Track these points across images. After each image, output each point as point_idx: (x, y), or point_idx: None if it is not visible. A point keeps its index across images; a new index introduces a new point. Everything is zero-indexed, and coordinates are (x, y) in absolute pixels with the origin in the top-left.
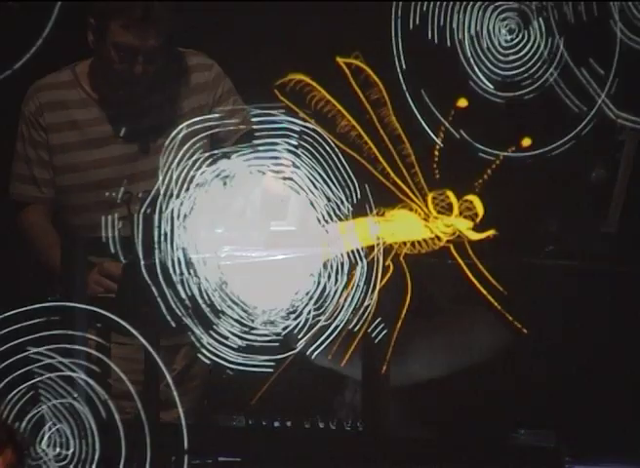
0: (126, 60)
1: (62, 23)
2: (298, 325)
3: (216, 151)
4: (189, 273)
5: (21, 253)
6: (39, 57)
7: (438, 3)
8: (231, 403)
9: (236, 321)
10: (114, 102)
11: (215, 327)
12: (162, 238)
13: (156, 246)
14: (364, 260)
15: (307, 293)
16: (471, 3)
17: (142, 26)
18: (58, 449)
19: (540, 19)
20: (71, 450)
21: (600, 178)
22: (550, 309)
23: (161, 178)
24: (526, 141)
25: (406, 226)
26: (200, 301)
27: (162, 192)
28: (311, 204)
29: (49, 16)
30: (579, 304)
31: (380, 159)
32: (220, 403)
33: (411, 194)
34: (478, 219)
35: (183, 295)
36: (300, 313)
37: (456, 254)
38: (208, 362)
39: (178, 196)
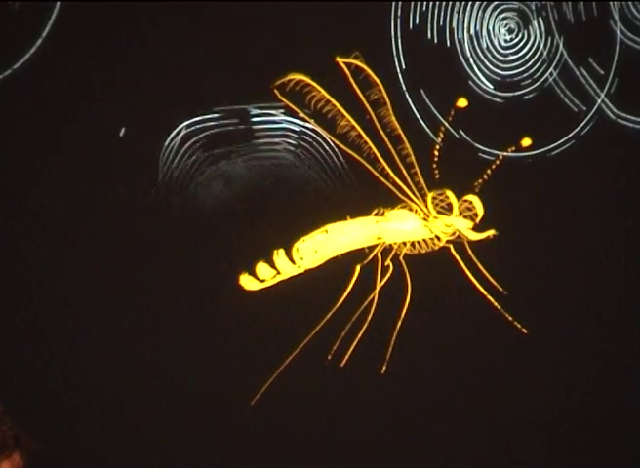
0: None
1: (62, 23)
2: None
3: (215, 151)
4: None
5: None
6: (39, 57)
7: (438, 3)
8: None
9: None
10: None
11: None
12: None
13: None
14: (364, 260)
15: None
16: (471, 3)
17: None
18: None
19: (540, 19)
20: None
21: None
22: None
23: (161, 178)
24: (526, 141)
25: (406, 226)
26: None
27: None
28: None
29: (49, 16)
30: None
31: (380, 159)
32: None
33: (411, 194)
34: (478, 219)
35: None
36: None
37: (455, 254)
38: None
39: (178, 195)
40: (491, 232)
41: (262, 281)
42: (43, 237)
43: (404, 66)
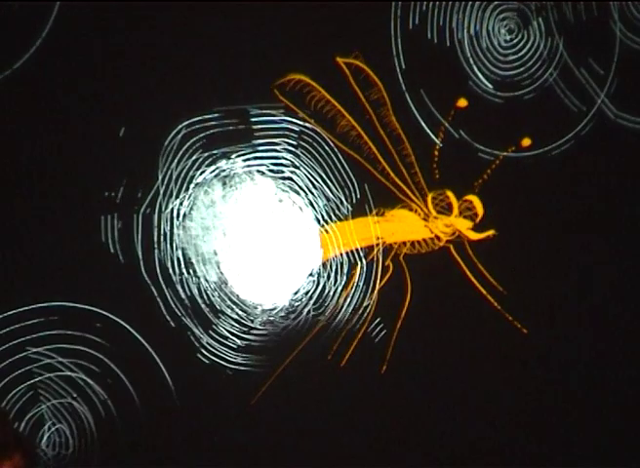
0: None
1: (62, 23)
2: (297, 325)
3: (215, 151)
4: (189, 273)
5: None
6: (39, 57)
7: (438, 3)
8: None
9: (235, 321)
10: None
11: (214, 326)
12: (161, 238)
13: (155, 245)
14: (364, 260)
15: (307, 293)
16: (471, 3)
17: None
18: (57, 449)
19: (540, 20)
20: (70, 450)
21: None
22: None
23: (160, 178)
24: (526, 141)
25: (406, 226)
26: (200, 301)
27: (162, 192)
28: (310, 204)
29: (49, 16)
30: None
31: (380, 159)
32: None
33: (411, 194)
34: (478, 219)
35: (183, 295)
36: (300, 313)
37: (455, 254)
38: (207, 362)
39: (177, 196)
40: (491, 232)
41: None
42: (42, 237)
43: (404, 66)
